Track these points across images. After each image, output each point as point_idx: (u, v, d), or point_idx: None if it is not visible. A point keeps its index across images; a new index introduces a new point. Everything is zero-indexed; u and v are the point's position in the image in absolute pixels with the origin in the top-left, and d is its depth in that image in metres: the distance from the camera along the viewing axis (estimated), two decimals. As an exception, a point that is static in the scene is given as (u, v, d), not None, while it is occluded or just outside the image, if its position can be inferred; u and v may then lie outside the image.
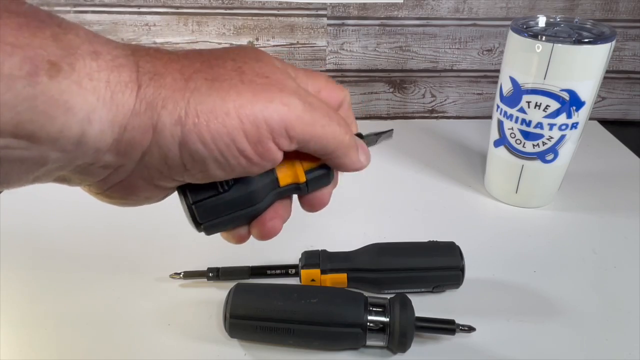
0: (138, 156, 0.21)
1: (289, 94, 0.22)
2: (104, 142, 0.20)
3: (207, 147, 0.21)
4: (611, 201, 0.54)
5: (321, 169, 0.27)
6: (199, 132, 0.21)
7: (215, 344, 0.37)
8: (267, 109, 0.21)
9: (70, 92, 0.18)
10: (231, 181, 0.25)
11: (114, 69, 0.19)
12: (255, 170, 0.23)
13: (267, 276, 0.41)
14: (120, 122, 0.20)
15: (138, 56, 0.21)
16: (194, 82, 0.21)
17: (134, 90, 0.20)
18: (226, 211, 0.26)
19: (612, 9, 0.67)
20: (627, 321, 0.39)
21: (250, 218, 0.27)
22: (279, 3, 0.66)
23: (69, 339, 0.37)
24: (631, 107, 0.74)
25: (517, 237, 0.48)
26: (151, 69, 0.21)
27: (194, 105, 0.21)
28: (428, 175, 0.58)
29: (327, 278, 0.39)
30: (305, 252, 0.41)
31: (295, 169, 0.27)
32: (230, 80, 0.22)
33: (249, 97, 0.21)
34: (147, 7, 0.65)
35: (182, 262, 0.43)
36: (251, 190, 0.26)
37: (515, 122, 0.48)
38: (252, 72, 0.22)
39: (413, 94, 0.73)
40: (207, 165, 0.22)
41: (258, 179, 0.26)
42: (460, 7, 0.67)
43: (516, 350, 0.36)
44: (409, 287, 0.40)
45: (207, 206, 0.25)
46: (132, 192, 0.23)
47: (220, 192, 0.25)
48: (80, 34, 0.19)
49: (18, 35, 0.17)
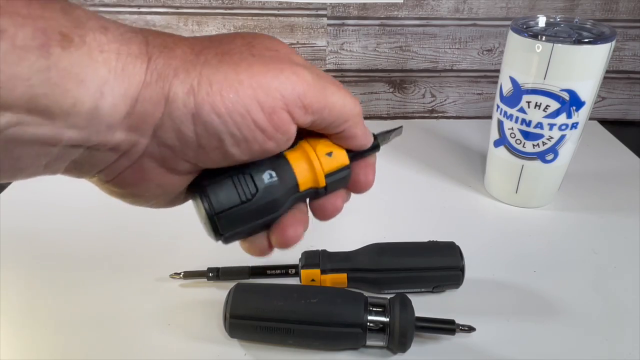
0: (150, 131, 0.20)
1: (298, 65, 0.22)
2: (116, 117, 0.19)
3: (222, 118, 0.20)
4: (611, 201, 0.54)
5: (340, 172, 0.27)
6: (212, 102, 0.20)
7: (215, 344, 0.37)
8: (278, 78, 0.21)
9: (81, 64, 0.18)
10: (254, 188, 0.24)
11: (123, 42, 0.19)
12: (271, 146, 0.22)
13: (267, 276, 0.41)
14: (131, 94, 0.19)
15: (146, 33, 0.21)
16: (204, 56, 0.21)
17: (144, 62, 0.20)
18: (249, 221, 0.25)
19: (612, 9, 0.67)
20: (627, 321, 0.39)
21: (269, 225, 0.26)
22: (279, 3, 0.66)
23: (69, 339, 0.37)
24: (631, 107, 0.74)
25: (517, 237, 0.48)
26: (161, 42, 0.21)
27: (207, 75, 0.20)
28: (428, 175, 0.58)
29: (327, 278, 0.39)
30: (305, 252, 0.41)
31: (315, 174, 0.26)
32: (240, 53, 0.22)
33: (261, 68, 0.21)
34: (147, 7, 0.65)
35: (182, 262, 0.43)
36: (275, 197, 0.24)
37: (515, 122, 0.48)
38: (262, 46, 0.22)
39: (413, 94, 0.73)
40: (223, 140, 0.21)
41: (281, 186, 0.25)
42: (460, 7, 0.67)
43: (516, 350, 0.36)
44: (409, 287, 0.40)
45: (230, 217, 0.24)
46: (144, 178, 0.22)
47: (244, 202, 0.24)
48: (87, 12, 0.19)
49: (29, 7, 0.17)
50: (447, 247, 0.40)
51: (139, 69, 0.19)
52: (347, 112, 0.24)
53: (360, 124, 0.26)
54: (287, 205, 0.26)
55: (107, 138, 0.20)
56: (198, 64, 0.20)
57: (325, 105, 0.23)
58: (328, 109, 0.23)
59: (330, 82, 0.24)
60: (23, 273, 0.43)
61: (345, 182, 0.28)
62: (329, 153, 0.26)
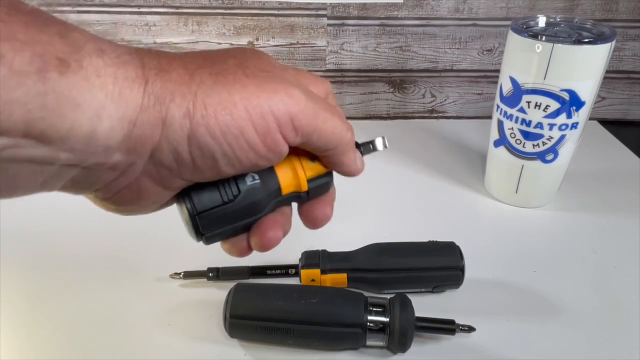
0: (147, 153, 0.21)
1: (292, 86, 0.23)
2: (114, 140, 0.19)
3: (216, 140, 0.21)
4: (611, 201, 0.54)
5: (322, 178, 0.27)
6: (207, 124, 0.21)
7: (215, 344, 0.37)
8: (272, 100, 0.22)
9: (79, 88, 0.18)
10: (236, 190, 0.24)
11: (120, 65, 0.19)
12: (263, 164, 0.23)
13: (267, 276, 0.41)
14: (129, 117, 0.19)
15: (141, 54, 0.21)
16: (199, 76, 0.21)
17: (142, 85, 0.20)
18: (230, 222, 0.25)
19: (612, 9, 0.67)
20: (627, 321, 0.39)
21: (250, 227, 0.26)
22: (279, 3, 0.66)
23: (69, 339, 0.37)
24: (631, 107, 0.74)
25: (517, 237, 0.48)
26: (156, 65, 0.21)
27: (201, 97, 0.21)
28: (428, 175, 0.58)
29: (327, 278, 0.39)
30: (305, 252, 0.41)
31: (298, 178, 0.26)
32: (234, 74, 0.22)
33: (254, 89, 0.22)
34: (147, 7, 0.65)
35: (182, 262, 0.43)
36: (256, 200, 0.25)
37: (515, 122, 0.48)
38: (254, 67, 0.23)
39: (413, 94, 0.73)
40: (217, 161, 0.22)
41: (263, 188, 0.25)
42: (460, 7, 0.67)
43: (516, 350, 0.36)
44: (409, 287, 0.40)
45: (211, 217, 0.24)
46: (140, 196, 0.23)
47: (225, 203, 0.24)
48: (84, 33, 0.19)
49: (26, 32, 0.17)
50: (447, 247, 0.40)
51: (137, 93, 0.20)
52: (336, 139, 0.25)
53: (349, 153, 0.26)
54: (269, 208, 0.26)
55: (105, 159, 0.20)
56: (193, 85, 0.21)
57: (315, 130, 0.23)
58: (317, 134, 0.24)
59: (323, 108, 0.24)
60: (23, 273, 0.43)
61: (327, 188, 0.28)
62: (312, 158, 0.26)
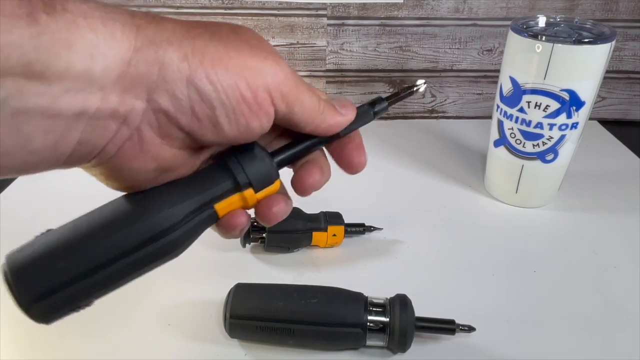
0: (144, 93, 0.21)
1: (279, 57, 0.24)
2: (109, 78, 0.20)
3: (214, 86, 0.22)
4: (611, 201, 0.54)
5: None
6: (206, 70, 0.21)
7: (215, 344, 0.37)
8: (263, 63, 0.23)
9: (67, 29, 0.19)
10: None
11: (107, 11, 0.20)
12: (255, 125, 0.23)
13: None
14: (122, 57, 0.20)
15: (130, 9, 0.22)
16: (195, 31, 0.22)
17: (132, 30, 0.21)
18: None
19: (612, 9, 0.67)
20: (627, 321, 0.39)
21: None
22: (279, 3, 0.66)
23: (69, 339, 0.37)
24: (631, 107, 0.74)
25: (517, 237, 0.48)
26: (147, 16, 0.22)
27: (199, 47, 0.21)
28: (428, 175, 0.58)
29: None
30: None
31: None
32: (228, 37, 0.23)
33: (247, 51, 0.23)
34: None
35: (182, 262, 0.43)
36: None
37: (515, 122, 0.48)
38: (246, 35, 0.24)
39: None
40: (214, 108, 0.22)
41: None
42: (460, 7, 0.67)
43: (516, 350, 0.36)
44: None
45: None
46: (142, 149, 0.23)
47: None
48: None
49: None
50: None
51: (128, 35, 0.20)
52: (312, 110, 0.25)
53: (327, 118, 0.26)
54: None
55: (103, 103, 0.20)
56: (189, 38, 0.22)
57: (296, 100, 0.24)
58: (298, 104, 0.25)
59: (302, 82, 0.25)
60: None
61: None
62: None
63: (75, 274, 0.22)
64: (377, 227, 0.48)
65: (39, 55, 0.18)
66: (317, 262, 0.45)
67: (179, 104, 0.22)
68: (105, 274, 0.22)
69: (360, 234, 0.47)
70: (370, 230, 0.47)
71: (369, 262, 0.45)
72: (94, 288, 0.23)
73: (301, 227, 0.44)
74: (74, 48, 0.19)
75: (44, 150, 0.20)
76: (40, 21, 0.18)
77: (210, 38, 0.22)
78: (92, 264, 0.22)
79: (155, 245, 0.23)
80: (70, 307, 0.23)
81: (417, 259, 0.45)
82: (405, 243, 0.47)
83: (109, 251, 0.22)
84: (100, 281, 0.23)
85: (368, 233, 0.47)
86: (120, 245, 0.23)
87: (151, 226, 0.23)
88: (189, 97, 0.22)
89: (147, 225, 0.23)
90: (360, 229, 0.47)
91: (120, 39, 0.20)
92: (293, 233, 0.44)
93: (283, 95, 0.24)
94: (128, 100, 0.21)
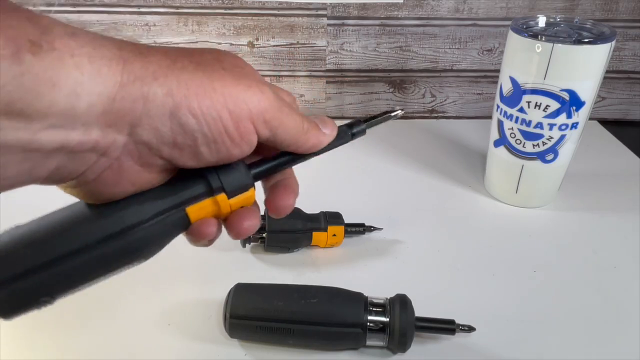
0: (127, 129, 0.21)
1: (263, 84, 0.24)
2: (92, 115, 0.20)
3: (197, 119, 0.22)
4: (611, 201, 0.54)
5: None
6: (189, 104, 0.22)
7: (215, 344, 0.37)
8: (246, 93, 0.23)
9: (53, 68, 0.19)
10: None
11: (95, 47, 0.20)
12: (236, 152, 0.24)
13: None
14: (108, 93, 0.20)
15: (117, 40, 0.21)
16: (181, 62, 0.22)
17: (120, 64, 0.21)
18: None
19: (612, 9, 0.67)
20: (627, 321, 0.39)
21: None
22: (279, 3, 0.66)
23: (69, 339, 0.37)
24: (631, 107, 0.74)
25: (517, 237, 0.48)
26: (134, 49, 0.21)
27: (184, 80, 0.22)
28: (428, 175, 0.58)
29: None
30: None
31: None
32: (212, 65, 0.23)
33: (231, 81, 0.23)
34: (147, 7, 0.65)
35: (182, 262, 0.43)
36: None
37: (515, 122, 0.48)
38: (229, 63, 0.24)
39: (413, 94, 0.73)
40: (196, 139, 0.22)
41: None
42: (460, 7, 0.67)
43: (516, 350, 0.36)
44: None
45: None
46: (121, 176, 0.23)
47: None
48: (52, 19, 0.20)
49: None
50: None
51: (114, 71, 0.20)
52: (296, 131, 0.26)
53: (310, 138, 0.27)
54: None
55: (85, 137, 0.20)
56: (175, 70, 0.22)
57: (281, 124, 0.25)
58: (282, 128, 0.25)
59: (286, 105, 0.25)
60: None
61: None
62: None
63: (35, 264, 0.22)
64: (377, 227, 0.48)
65: (21, 94, 0.18)
66: (317, 262, 0.45)
67: (161, 136, 0.22)
68: (67, 267, 0.22)
69: (360, 234, 0.47)
70: (370, 230, 0.47)
71: (369, 262, 0.45)
72: (56, 282, 0.23)
73: (301, 227, 0.44)
74: (58, 87, 0.19)
75: (18, 176, 0.20)
76: (24, 61, 0.18)
77: (195, 69, 0.22)
78: (52, 255, 0.22)
79: (120, 241, 0.23)
80: (31, 300, 0.23)
81: (417, 259, 0.45)
82: (405, 243, 0.47)
83: (71, 242, 0.22)
84: (62, 274, 0.22)
85: (368, 233, 0.47)
86: (83, 238, 0.22)
87: (117, 221, 0.23)
88: (171, 130, 0.22)
89: (113, 220, 0.23)
90: (360, 229, 0.47)
91: (106, 75, 0.20)
92: (293, 233, 0.44)
93: (266, 121, 0.24)
94: (110, 134, 0.21)
